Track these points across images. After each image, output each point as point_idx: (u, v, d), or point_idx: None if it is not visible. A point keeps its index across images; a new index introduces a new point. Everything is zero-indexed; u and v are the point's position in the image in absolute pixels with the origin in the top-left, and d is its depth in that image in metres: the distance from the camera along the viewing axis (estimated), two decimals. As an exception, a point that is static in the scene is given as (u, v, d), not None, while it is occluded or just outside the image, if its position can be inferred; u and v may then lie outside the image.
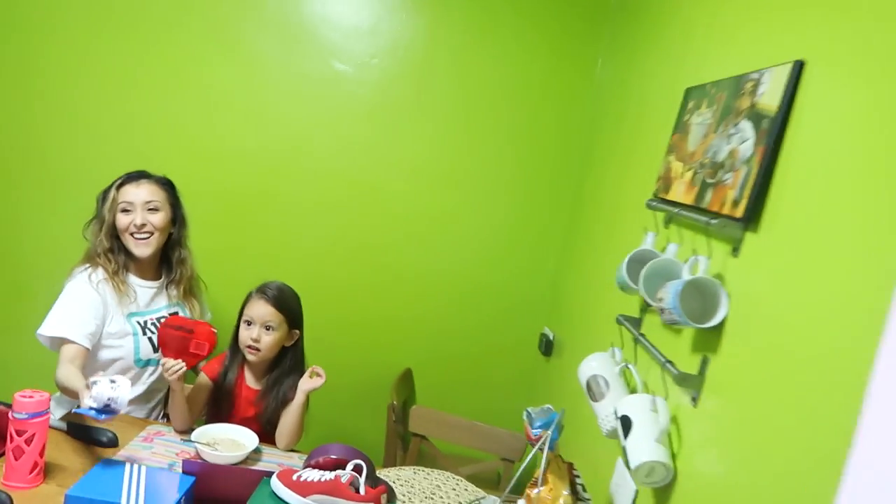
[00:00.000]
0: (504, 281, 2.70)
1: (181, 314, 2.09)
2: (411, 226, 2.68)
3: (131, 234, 1.96)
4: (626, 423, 1.28)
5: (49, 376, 1.81)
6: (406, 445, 2.44)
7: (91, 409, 1.51)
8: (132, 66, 2.57)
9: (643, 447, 1.23)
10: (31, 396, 1.47)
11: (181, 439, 1.80)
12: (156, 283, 2.07)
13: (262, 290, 1.94)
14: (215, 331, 1.87)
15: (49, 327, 1.85)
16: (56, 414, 1.97)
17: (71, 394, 1.78)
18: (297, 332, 1.98)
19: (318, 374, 1.89)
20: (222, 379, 1.94)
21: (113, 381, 1.52)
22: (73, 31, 2.55)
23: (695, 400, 1.22)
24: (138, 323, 1.99)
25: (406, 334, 2.73)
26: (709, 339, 1.21)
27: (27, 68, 2.58)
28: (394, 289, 2.71)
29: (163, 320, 2.01)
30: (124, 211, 1.95)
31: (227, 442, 1.78)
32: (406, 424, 2.40)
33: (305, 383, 1.88)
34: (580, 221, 2.48)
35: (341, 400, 2.64)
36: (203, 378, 1.94)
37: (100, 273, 1.95)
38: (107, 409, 1.51)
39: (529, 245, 2.69)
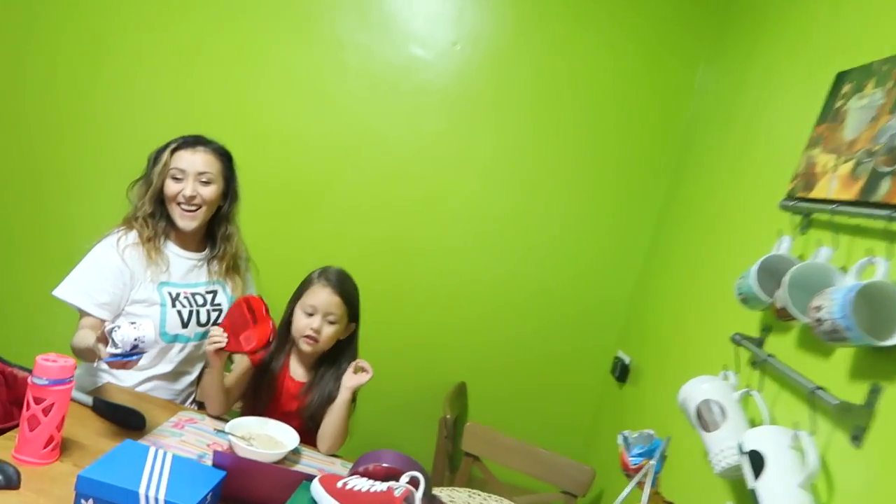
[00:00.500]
0: (574, 297, 2.46)
1: (221, 293, 1.92)
2: (476, 229, 2.47)
3: (178, 204, 1.80)
4: (756, 460, 1.03)
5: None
6: (455, 465, 2.20)
7: (116, 356, 1.39)
8: (199, 36, 2.45)
9: (782, 493, 0.98)
10: (54, 361, 1.30)
11: (214, 429, 1.61)
12: (196, 256, 1.91)
13: (326, 277, 1.75)
14: (272, 338, 1.68)
15: (62, 290, 1.72)
16: (83, 386, 1.81)
17: (86, 355, 1.64)
18: (354, 325, 1.79)
19: (364, 370, 1.68)
20: (265, 366, 1.75)
21: (133, 323, 1.40)
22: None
23: (858, 438, 0.96)
24: (169, 294, 1.82)
25: (462, 345, 2.50)
26: (880, 362, 0.95)
27: (95, 33, 2.49)
28: (452, 295, 2.49)
29: (202, 294, 1.87)
30: (175, 178, 1.79)
31: (264, 438, 1.58)
32: (457, 442, 2.16)
33: (350, 379, 1.68)
34: (671, 234, 2.23)
35: (388, 409, 2.43)
36: (244, 363, 1.75)
37: (131, 237, 1.79)
38: (135, 351, 1.39)
39: (605, 260, 2.45)
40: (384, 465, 1.31)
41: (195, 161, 1.79)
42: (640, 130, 2.39)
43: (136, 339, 1.39)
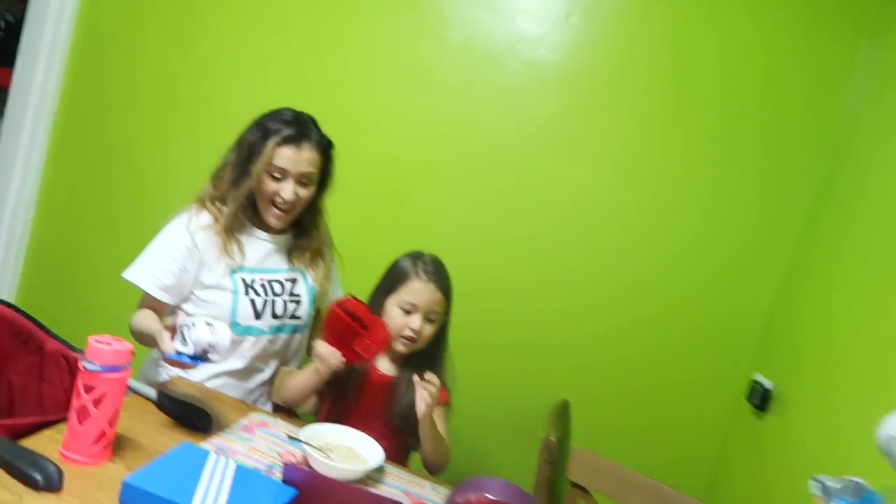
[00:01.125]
0: (701, 308, 2.12)
1: (302, 282, 1.72)
2: (588, 226, 2.18)
3: (273, 204, 1.62)
4: None
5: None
6: (556, 496, 1.90)
7: (181, 354, 1.27)
8: (287, 10, 2.30)
9: None
10: (108, 344, 1.11)
11: (288, 436, 1.39)
12: (278, 239, 1.72)
13: (425, 270, 1.56)
14: (390, 335, 1.49)
15: (129, 271, 1.61)
16: (146, 376, 1.66)
17: (146, 340, 1.50)
18: (446, 319, 1.57)
19: (430, 382, 1.44)
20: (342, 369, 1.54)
21: (210, 325, 1.24)
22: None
23: None
24: (243, 280, 1.64)
25: (566, 358, 2.20)
26: None
27: (184, 14, 2.39)
28: (556, 300, 2.20)
29: (280, 281, 1.67)
30: (273, 177, 1.61)
31: (344, 450, 1.35)
32: (560, 469, 1.87)
33: (419, 398, 1.43)
34: (829, 234, 1.86)
35: (479, 425, 2.16)
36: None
37: (203, 219, 1.63)
38: (203, 356, 1.26)
39: (740, 266, 2.10)
40: (489, 496, 1.05)
41: (299, 161, 1.60)
42: (789, 116, 2.04)
43: (208, 344, 1.26)
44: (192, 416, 1.35)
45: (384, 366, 1.58)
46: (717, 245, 2.10)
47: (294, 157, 1.59)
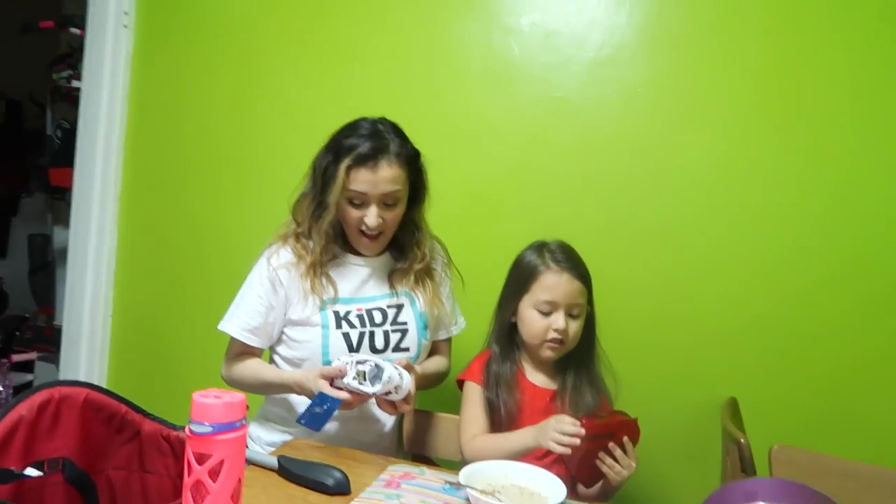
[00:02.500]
0: (883, 265, 1.76)
1: (409, 309, 1.49)
2: (727, 202, 1.85)
3: (361, 232, 1.44)
4: None
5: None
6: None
7: (355, 385, 1.25)
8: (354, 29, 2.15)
9: None
10: (216, 397, 0.90)
11: (445, 483, 1.13)
12: (375, 263, 1.52)
13: (555, 259, 1.34)
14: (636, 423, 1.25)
15: (222, 321, 1.49)
16: (261, 440, 1.44)
17: (264, 389, 1.45)
18: (590, 309, 1.36)
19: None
20: (495, 383, 1.29)
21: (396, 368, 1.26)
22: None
23: None
24: (335, 314, 1.44)
25: (727, 350, 1.85)
26: None
27: (249, 40, 2.28)
28: (703, 290, 1.87)
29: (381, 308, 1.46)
30: (353, 203, 1.42)
31: (514, 491, 1.08)
32: (755, 474, 1.53)
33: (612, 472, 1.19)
34: None
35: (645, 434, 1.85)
36: (472, 391, 1.31)
37: (283, 256, 1.46)
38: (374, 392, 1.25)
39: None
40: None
41: (378, 182, 1.39)
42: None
43: (396, 385, 1.26)
44: (324, 479, 1.11)
45: (538, 378, 1.33)
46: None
47: (371, 179, 1.38)
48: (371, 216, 1.40)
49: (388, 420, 1.48)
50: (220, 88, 2.29)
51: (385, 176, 1.39)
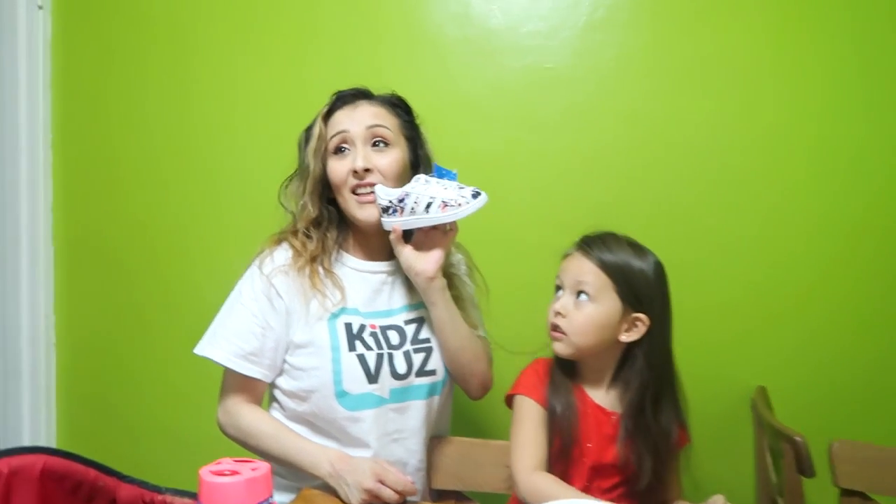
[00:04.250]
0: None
1: (430, 323, 1.28)
2: (744, 171, 1.71)
3: (352, 191, 1.21)
4: None
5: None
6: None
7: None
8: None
9: None
10: (233, 473, 0.68)
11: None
12: (386, 267, 1.30)
13: (576, 245, 1.17)
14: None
15: (200, 344, 1.23)
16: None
17: (272, 457, 1.17)
18: (645, 317, 1.12)
19: None
20: (554, 402, 1.10)
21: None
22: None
23: None
24: (346, 328, 1.21)
25: (753, 337, 1.73)
26: None
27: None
28: (722, 270, 1.73)
29: (398, 326, 1.23)
30: (338, 152, 1.21)
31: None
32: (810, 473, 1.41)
33: None
34: None
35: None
36: (527, 409, 1.12)
37: (279, 257, 1.24)
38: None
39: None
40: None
41: (357, 118, 1.22)
42: None
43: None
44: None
45: (600, 397, 1.15)
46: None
47: (350, 115, 1.24)
48: (358, 157, 1.20)
49: (412, 456, 1.27)
50: (154, 67, 1.99)
51: (366, 110, 1.25)
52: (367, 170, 1.19)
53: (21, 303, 2.02)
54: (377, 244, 1.28)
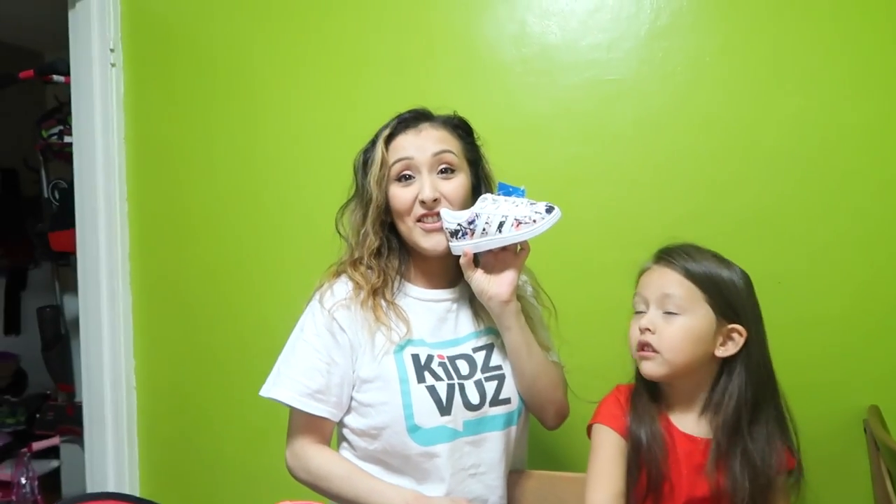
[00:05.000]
0: None
1: (500, 349, 1.21)
2: (846, 174, 1.57)
3: (417, 220, 1.17)
4: None
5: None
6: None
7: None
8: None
9: None
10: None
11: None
12: (450, 295, 1.24)
13: (657, 256, 1.10)
14: None
15: (265, 386, 1.21)
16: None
17: (343, 497, 1.13)
18: (741, 328, 1.03)
19: None
20: (638, 432, 1.01)
21: None
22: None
23: None
24: (414, 360, 1.16)
25: (859, 352, 1.56)
26: None
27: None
28: (829, 284, 1.58)
29: (466, 355, 1.16)
30: (402, 180, 1.17)
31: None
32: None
33: None
34: None
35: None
36: (605, 439, 1.03)
37: (339, 291, 1.20)
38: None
39: None
40: None
41: (423, 143, 1.17)
42: None
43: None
44: None
45: (688, 424, 1.05)
46: None
47: (415, 142, 1.18)
48: (425, 186, 1.15)
49: (491, 492, 1.20)
50: (219, 115, 2.04)
51: (431, 135, 1.19)
52: (435, 199, 1.15)
53: (103, 349, 2.09)
54: (439, 271, 1.23)
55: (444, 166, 1.17)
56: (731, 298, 1.04)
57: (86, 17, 2.05)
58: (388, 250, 1.21)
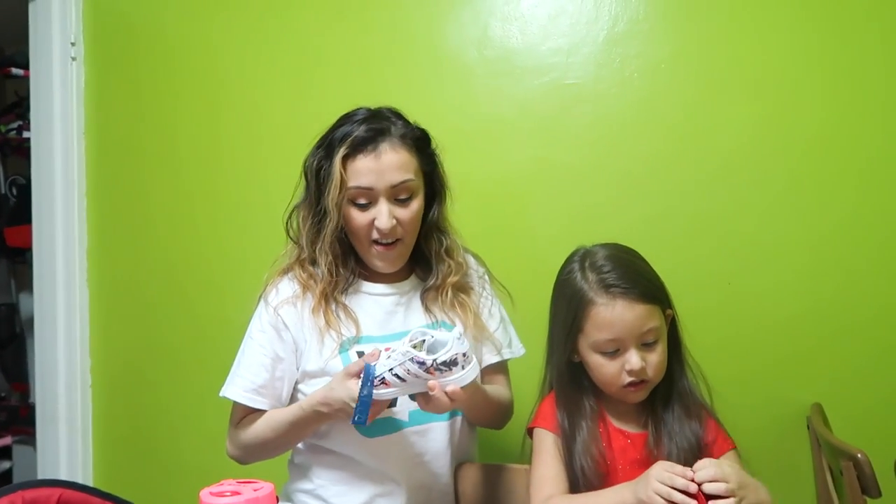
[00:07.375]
0: None
1: (462, 342, 1.22)
2: (784, 177, 1.62)
3: (373, 242, 1.18)
4: None
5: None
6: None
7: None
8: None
9: None
10: (235, 493, 0.64)
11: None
12: (400, 288, 1.26)
13: (603, 284, 1.04)
14: None
15: (224, 386, 1.23)
16: None
17: (274, 440, 1.17)
18: (671, 310, 1.08)
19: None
20: (570, 432, 1.03)
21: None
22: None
23: None
24: (360, 356, 1.16)
25: (802, 350, 1.61)
26: None
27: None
28: (770, 282, 1.63)
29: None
30: (357, 204, 1.17)
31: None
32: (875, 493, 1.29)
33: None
34: None
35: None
36: (545, 441, 1.05)
37: (284, 289, 1.21)
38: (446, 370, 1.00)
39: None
40: None
41: (384, 171, 1.14)
42: None
43: (460, 356, 1.00)
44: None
45: (625, 422, 1.08)
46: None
47: (374, 168, 1.14)
48: (382, 216, 1.14)
49: (437, 479, 1.21)
50: (183, 113, 2.03)
51: (390, 162, 1.14)
52: (393, 228, 1.16)
53: (58, 347, 2.05)
54: None
55: (402, 193, 1.17)
56: (662, 289, 1.07)
57: (46, 9, 2.03)
58: (343, 255, 1.21)
